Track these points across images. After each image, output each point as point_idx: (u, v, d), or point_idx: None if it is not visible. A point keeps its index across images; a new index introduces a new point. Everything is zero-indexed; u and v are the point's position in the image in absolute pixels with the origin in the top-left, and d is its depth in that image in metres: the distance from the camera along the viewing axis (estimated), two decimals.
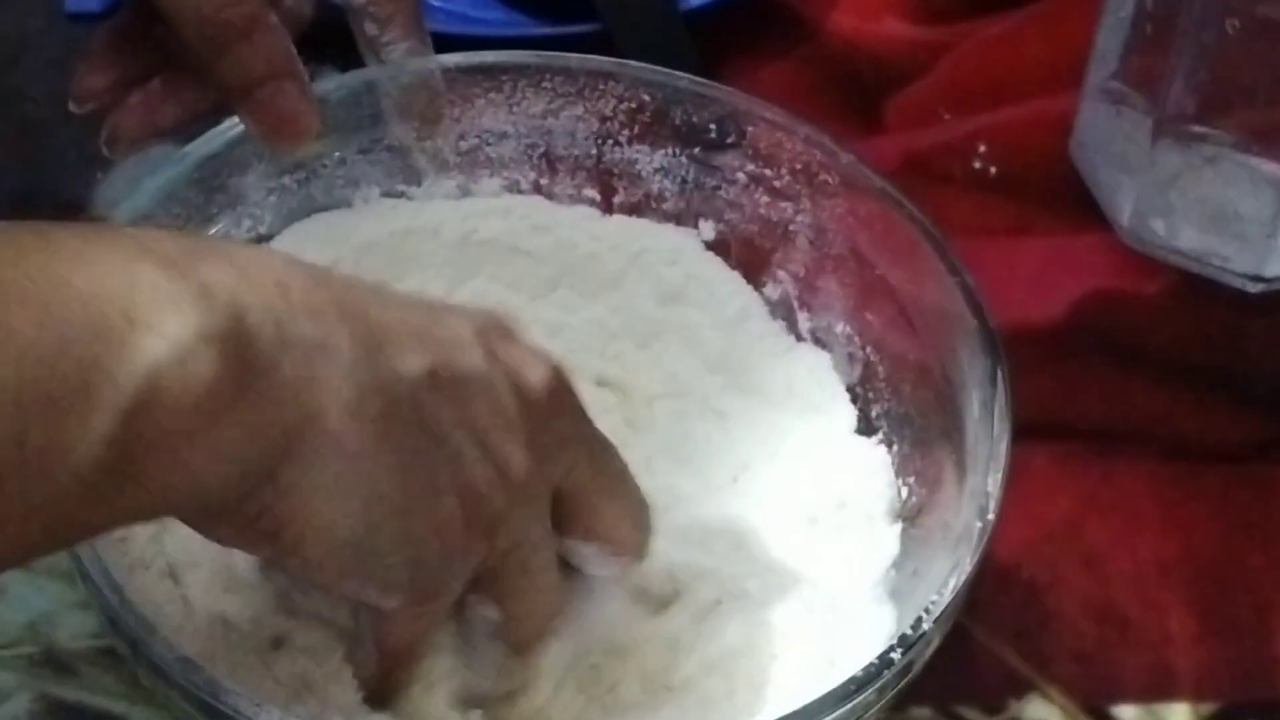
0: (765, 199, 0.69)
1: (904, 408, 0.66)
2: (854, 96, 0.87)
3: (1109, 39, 0.81)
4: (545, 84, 0.70)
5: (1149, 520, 0.73)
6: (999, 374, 0.61)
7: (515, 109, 0.70)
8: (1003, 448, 0.60)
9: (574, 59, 0.70)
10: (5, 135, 0.83)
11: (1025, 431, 0.75)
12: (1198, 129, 0.80)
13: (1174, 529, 0.73)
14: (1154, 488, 0.74)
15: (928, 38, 0.89)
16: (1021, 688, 0.69)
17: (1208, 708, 0.69)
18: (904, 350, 0.66)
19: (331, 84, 0.69)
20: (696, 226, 0.71)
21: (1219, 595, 0.71)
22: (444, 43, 0.70)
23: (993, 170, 0.85)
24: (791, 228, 0.69)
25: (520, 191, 0.71)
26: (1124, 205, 0.82)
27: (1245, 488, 0.74)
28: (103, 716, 0.57)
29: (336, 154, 0.70)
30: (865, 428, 0.68)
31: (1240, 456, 0.75)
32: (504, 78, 0.70)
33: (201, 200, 0.67)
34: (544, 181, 0.71)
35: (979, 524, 0.59)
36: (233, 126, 0.67)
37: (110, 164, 0.79)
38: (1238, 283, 0.80)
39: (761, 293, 0.71)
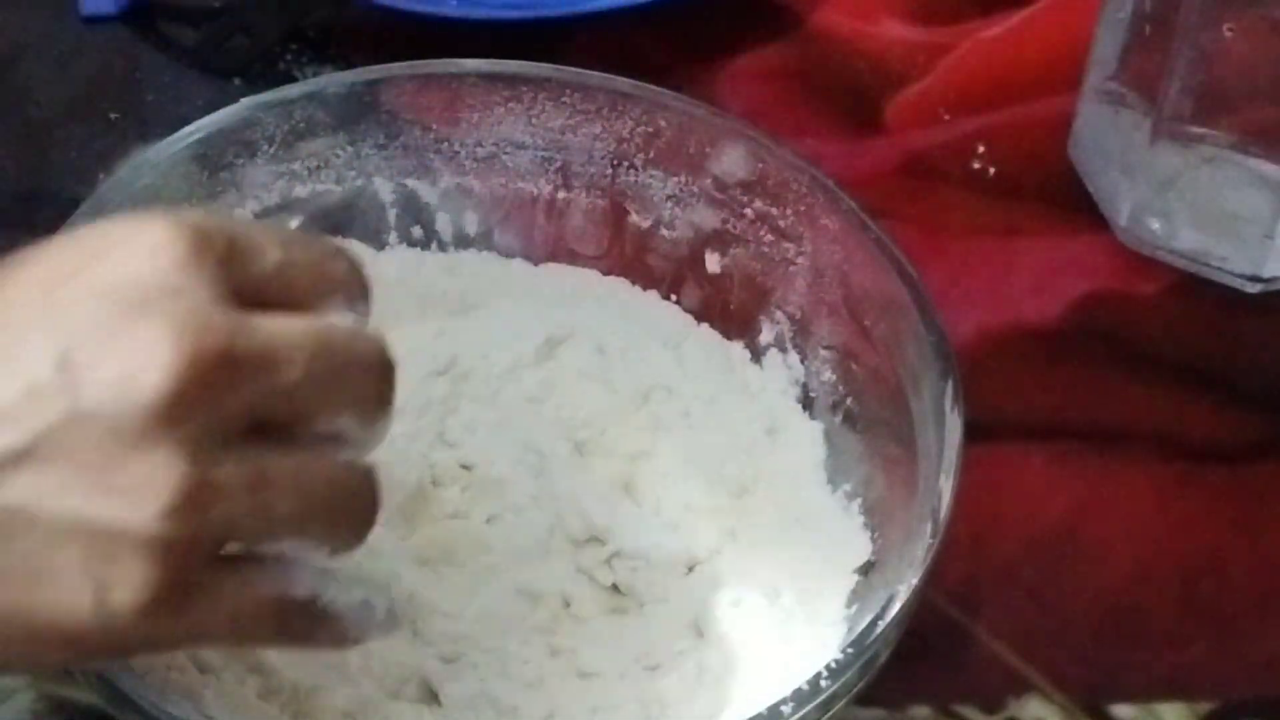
0: (769, 237, 0.70)
1: (876, 457, 0.66)
2: (853, 97, 0.87)
3: (1107, 40, 0.81)
4: (565, 99, 0.70)
5: (1149, 520, 0.73)
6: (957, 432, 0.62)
7: (534, 121, 0.70)
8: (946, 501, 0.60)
9: (595, 77, 0.70)
10: (8, 135, 0.83)
11: (1025, 431, 0.76)
12: (1196, 129, 0.80)
13: (1173, 529, 0.73)
14: (1154, 488, 0.74)
15: (927, 38, 0.89)
16: (1021, 688, 0.69)
17: (1206, 707, 0.69)
18: (883, 404, 0.66)
19: (344, 78, 0.70)
20: (703, 257, 0.71)
21: (1218, 595, 0.72)
22: (416, 22, 0.69)
23: (992, 170, 0.85)
24: (791, 269, 0.69)
25: (534, 199, 0.72)
26: (1122, 205, 0.82)
27: (1245, 488, 0.75)
28: (105, 716, 0.57)
29: (350, 146, 0.70)
30: (837, 474, 0.68)
31: (1240, 456, 0.75)
32: (524, 88, 0.70)
33: (204, 177, 0.68)
34: (560, 195, 0.72)
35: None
36: (243, 108, 0.68)
37: (112, 164, 0.79)
38: (1236, 283, 0.81)
39: (758, 336, 0.71)
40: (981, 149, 0.85)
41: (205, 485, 0.47)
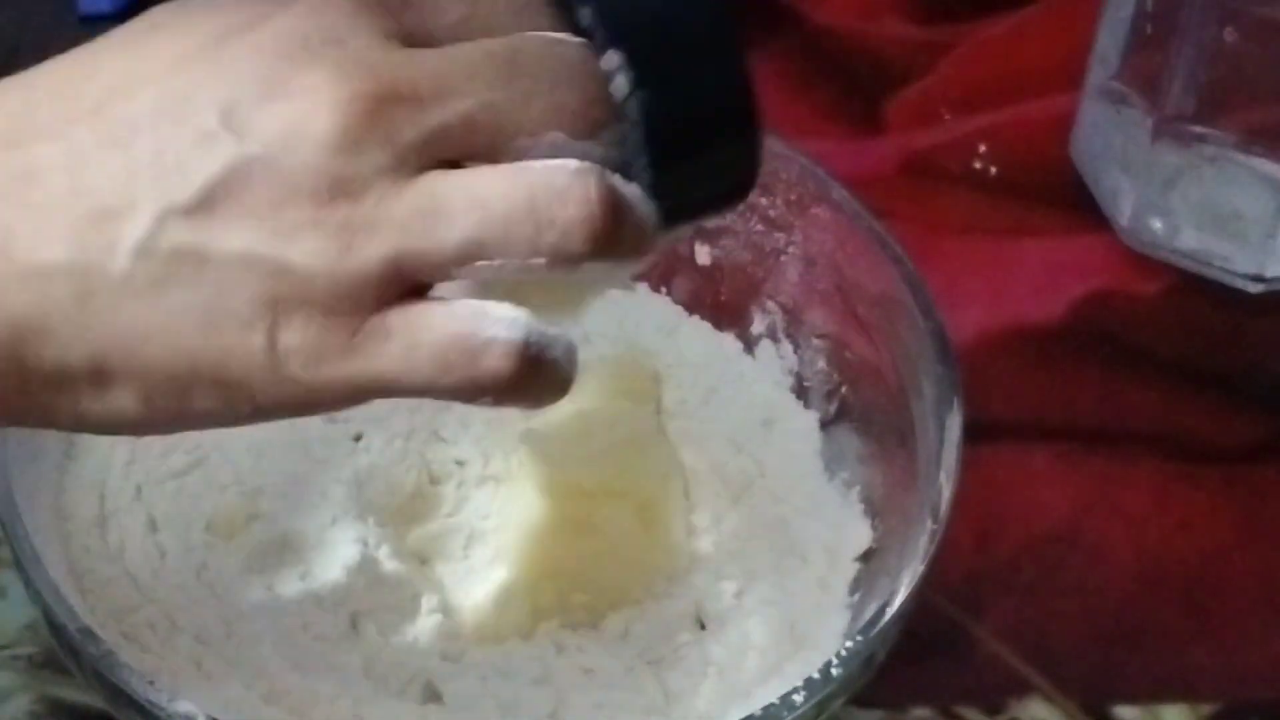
0: (759, 227, 0.69)
1: (873, 445, 0.66)
2: (854, 96, 0.87)
3: (1109, 39, 0.81)
4: None
5: (1149, 520, 0.73)
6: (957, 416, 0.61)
7: None
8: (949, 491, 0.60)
9: None
10: None
11: (1026, 432, 0.76)
12: (1198, 129, 0.80)
13: (1174, 529, 0.73)
14: (1154, 488, 0.74)
15: (928, 38, 0.89)
16: (1021, 688, 0.69)
17: (1207, 708, 0.69)
18: (877, 393, 0.66)
19: None
20: (692, 249, 0.71)
21: (1219, 595, 0.71)
22: None
23: (993, 170, 0.85)
24: (783, 258, 0.69)
25: None
26: (1124, 205, 0.82)
27: (1245, 488, 0.74)
28: (103, 717, 0.57)
29: None
30: (834, 463, 0.68)
31: (1240, 456, 0.75)
32: None
33: None
34: None
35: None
36: None
37: None
38: (1238, 283, 0.81)
39: (750, 327, 0.71)
40: (983, 148, 0.85)
41: (377, 217, 0.47)
